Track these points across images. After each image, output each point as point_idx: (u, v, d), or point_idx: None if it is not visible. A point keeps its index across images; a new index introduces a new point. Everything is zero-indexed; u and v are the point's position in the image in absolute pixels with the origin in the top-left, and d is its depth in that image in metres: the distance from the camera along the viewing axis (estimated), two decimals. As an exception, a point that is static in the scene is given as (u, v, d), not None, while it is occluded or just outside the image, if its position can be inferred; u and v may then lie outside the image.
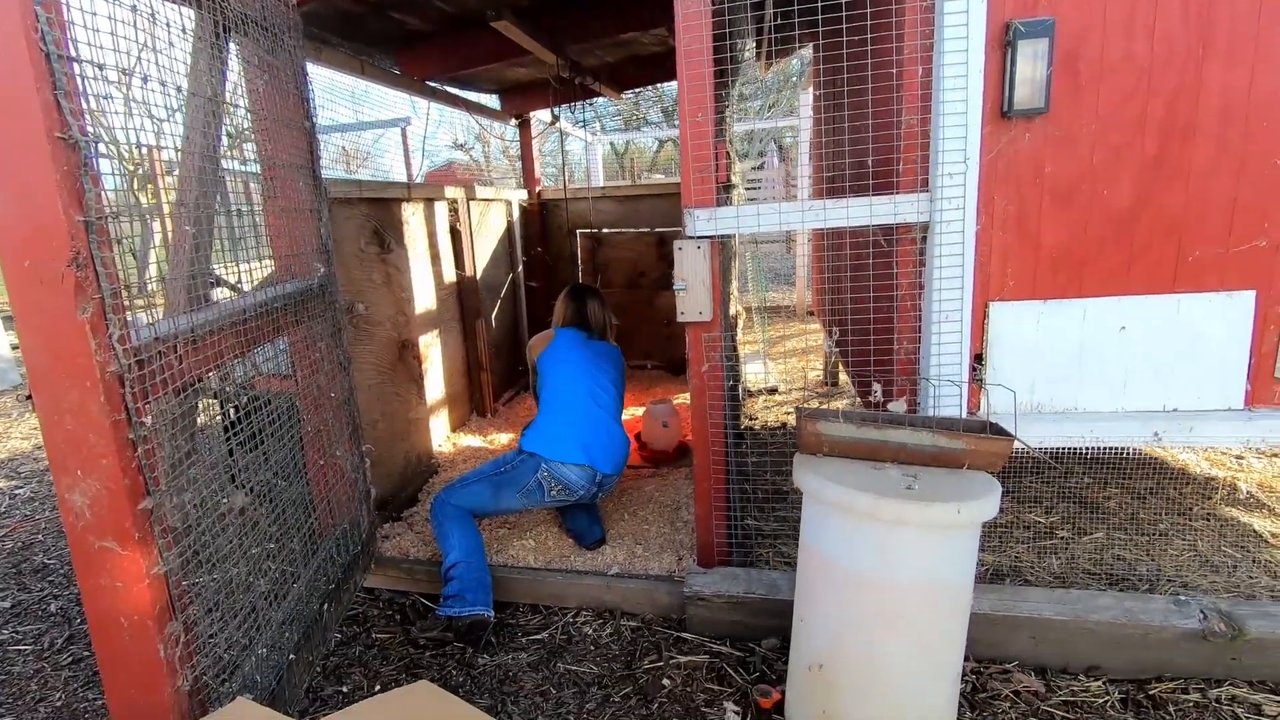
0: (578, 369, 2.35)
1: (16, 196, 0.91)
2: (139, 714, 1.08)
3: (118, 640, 1.06)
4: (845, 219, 1.68)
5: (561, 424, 2.23)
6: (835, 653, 1.36)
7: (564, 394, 2.30)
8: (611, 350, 2.53)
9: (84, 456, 0.99)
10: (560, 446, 2.17)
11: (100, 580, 1.03)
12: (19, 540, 2.70)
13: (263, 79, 1.65)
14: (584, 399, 2.30)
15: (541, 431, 2.22)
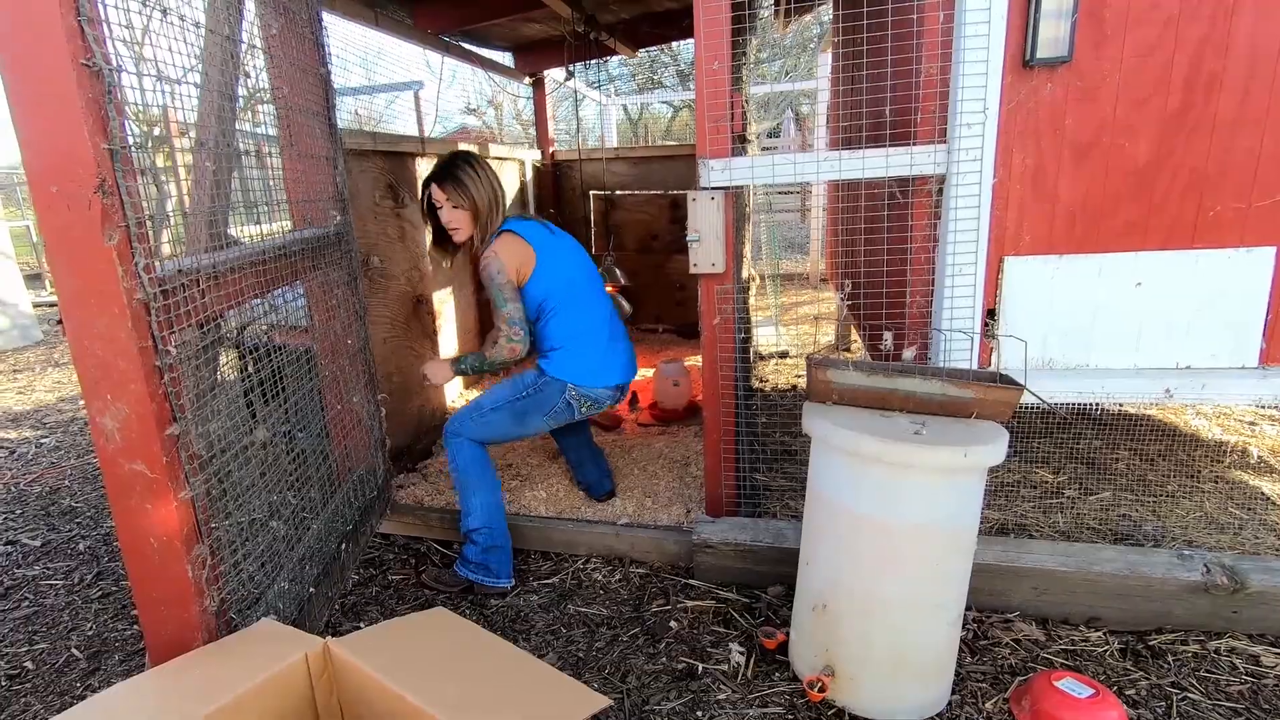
0: (585, 288, 2.04)
1: (43, 123, 0.93)
2: (169, 631, 1.13)
3: (148, 560, 1.10)
4: (861, 170, 1.67)
5: (592, 355, 2.00)
6: (838, 593, 1.39)
7: (586, 324, 2.01)
8: (573, 240, 2.15)
9: (113, 381, 1.02)
10: (593, 374, 1.98)
11: (130, 502, 1.07)
12: (47, 485, 2.79)
13: (279, 22, 1.64)
14: (606, 323, 2.06)
15: (573, 364, 1.97)
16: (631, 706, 1.48)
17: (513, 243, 1.93)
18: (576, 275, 2.03)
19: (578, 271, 2.04)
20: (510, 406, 1.98)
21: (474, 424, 1.98)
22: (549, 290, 1.96)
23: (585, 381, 1.98)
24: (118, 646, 1.75)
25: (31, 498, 2.67)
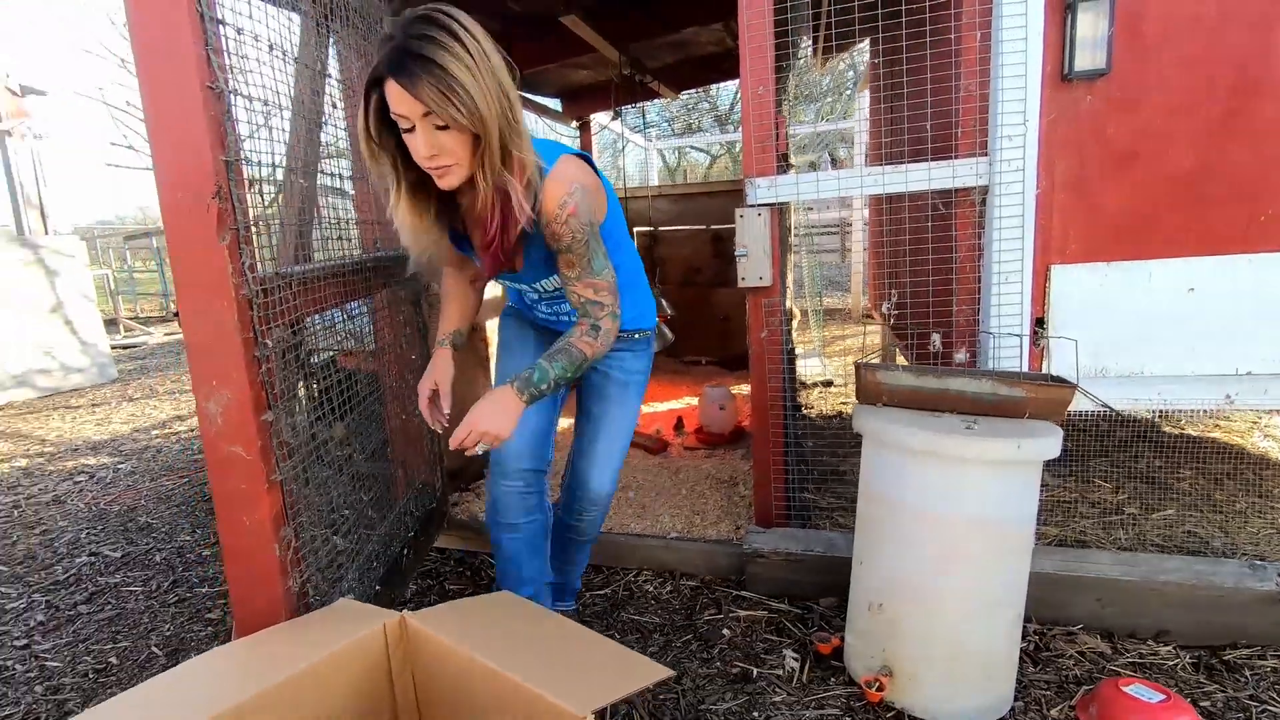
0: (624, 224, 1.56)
1: (173, 136, 1.06)
2: (256, 607, 1.20)
3: (241, 538, 1.18)
4: (904, 184, 1.73)
5: (648, 291, 1.64)
6: (894, 591, 1.39)
7: (636, 257, 1.60)
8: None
9: (219, 369, 1.13)
10: (652, 312, 1.64)
11: (228, 483, 1.16)
12: (124, 504, 2.95)
13: (358, 63, 1.81)
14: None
15: (646, 304, 1.60)
16: (687, 706, 1.49)
17: (586, 175, 1.26)
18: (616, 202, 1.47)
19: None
20: (639, 403, 1.60)
21: (620, 466, 1.60)
22: (612, 227, 1.42)
23: (651, 324, 1.62)
24: (194, 645, 1.84)
25: (111, 515, 2.83)
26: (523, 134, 1.14)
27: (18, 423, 4.57)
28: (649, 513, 2.39)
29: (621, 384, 1.56)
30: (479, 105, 1.03)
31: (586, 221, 1.22)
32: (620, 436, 1.58)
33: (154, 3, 1.01)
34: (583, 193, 1.22)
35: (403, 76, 1.01)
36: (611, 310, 1.30)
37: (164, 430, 4.20)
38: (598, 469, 1.56)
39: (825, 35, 2.53)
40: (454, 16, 1.04)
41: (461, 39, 1.02)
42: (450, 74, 1.01)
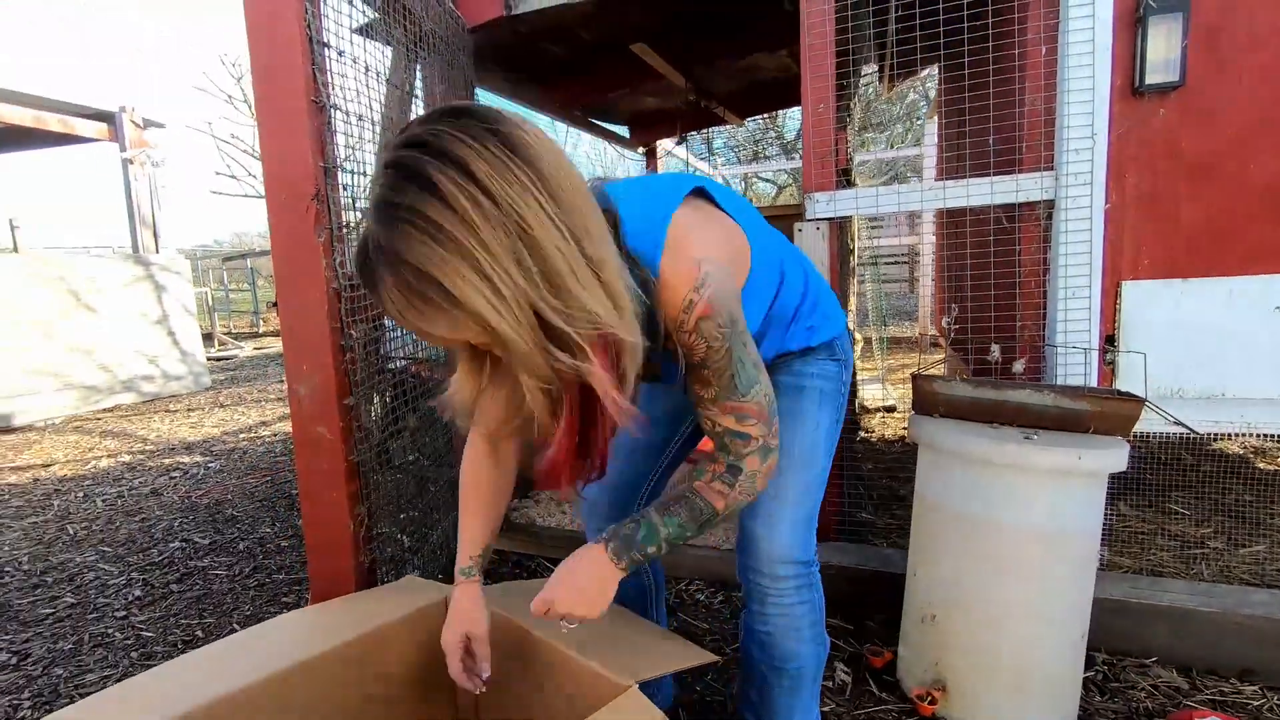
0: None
1: (282, 144, 1.19)
2: (328, 576, 1.29)
3: (321, 511, 1.28)
4: (965, 198, 1.73)
5: (828, 294, 1.20)
6: (948, 602, 1.37)
7: (800, 262, 1.14)
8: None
9: (309, 354, 1.24)
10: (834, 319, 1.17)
11: (312, 460, 1.27)
12: (213, 498, 3.16)
13: (441, 86, 1.95)
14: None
15: (823, 312, 1.14)
16: (735, 713, 1.49)
17: (711, 237, 0.88)
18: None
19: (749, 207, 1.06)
20: (834, 435, 1.15)
21: (813, 524, 1.13)
22: (775, 258, 1.04)
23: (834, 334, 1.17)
24: (270, 625, 1.96)
25: (201, 508, 3.04)
26: (599, 267, 0.71)
27: (124, 423, 4.96)
28: (703, 525, 2.40)
29: (795, 390, 1.10)
30: (478, 312, 0.65)
31: (726, 320, 0.82)
32: (792, 477, 1.07)
33: (271, 26, 1.14)
34: (715, 275, 0.82)
35: (366, 273, 0.69)
36: (763, 444, 0.89)
37: (250, 434, 4.49)
38: (765, 525, 1.07)
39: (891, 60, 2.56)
40: (443, 156, 0.65)
41: (449, 200, 0.64)
42: (423, 275, 0.65)
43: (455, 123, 0.67)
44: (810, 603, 1.12)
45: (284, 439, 4.29)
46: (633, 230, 0.83)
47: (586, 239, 0.70)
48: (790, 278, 1.06)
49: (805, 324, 1.10)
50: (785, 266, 1.05)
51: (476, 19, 2.14)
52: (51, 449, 4.27)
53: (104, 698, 0.94)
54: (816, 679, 1.17)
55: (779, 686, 1.14)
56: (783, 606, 1.09)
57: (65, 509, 3.09)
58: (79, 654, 1.85)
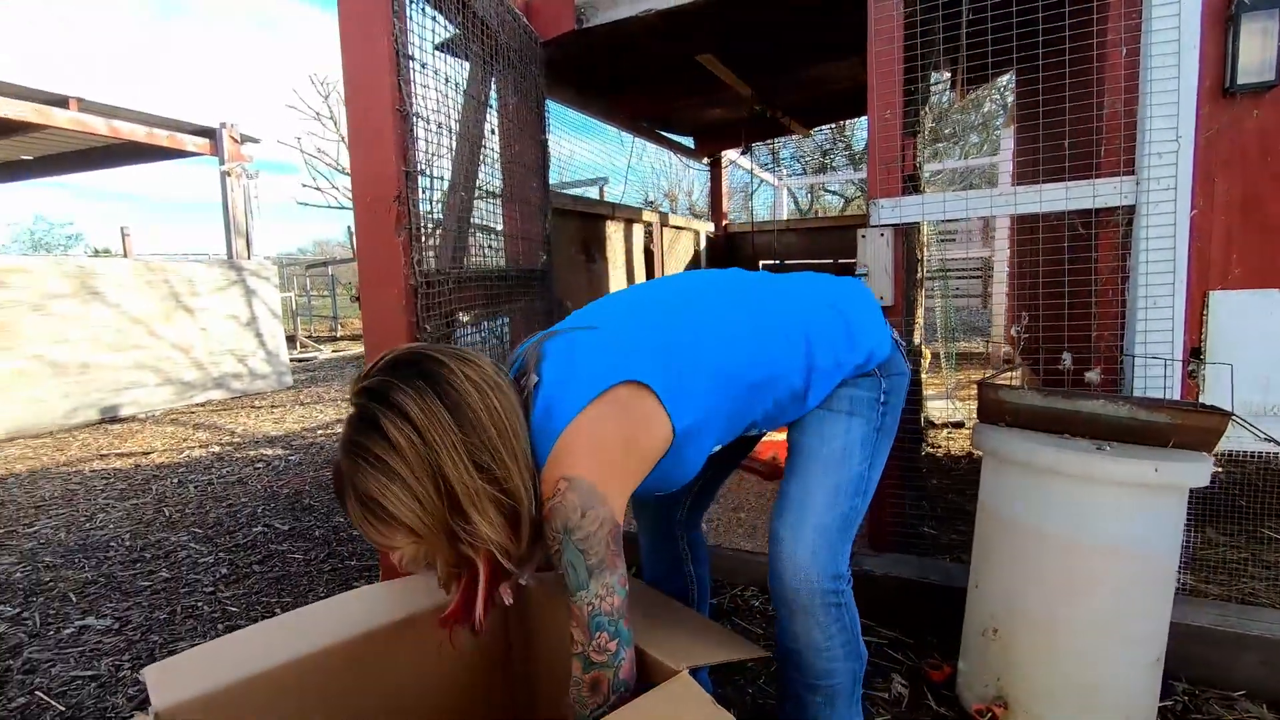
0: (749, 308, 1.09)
1: (368, 150, 1.27)
2: (400, 559, 1.36)
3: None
4: (1038, 203, 1.68)
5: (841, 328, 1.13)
6: (1013, 617, 1.33)
7: (789, 323, 1.09)
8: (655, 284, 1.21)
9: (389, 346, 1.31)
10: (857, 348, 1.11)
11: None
12: (292, 488, 3.35)
13: (514, 98, 2.04)
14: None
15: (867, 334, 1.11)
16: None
17: (606, 439, 0.92)
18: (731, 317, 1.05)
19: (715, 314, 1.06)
20: (872, 444, 1.11)
21: (847, 535, 1.09)
22: (741, 400, 1.04)
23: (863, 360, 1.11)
24: (341, 607, 2.07)
25: (281, 497, 3.22)
26: (502, 487, 0.89)
27: (214, 417, 5.31)
28: (759, 533, 2.40)
29: (825, 399, 1.08)
30: (404, 520, 0.86)
31: (560, 528, 0.89)
32: (820, 477, 1.06)
33: (363, 41, 1.23)
34: (567, 491, 0.89)
35: (338, 492, 0.92)
36: (584, 655, 0.90)
37: (327, 430, 4.72)
38: (790, 526, 1.06)
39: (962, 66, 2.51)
40: (389, 405, 0.85)
41: (392, 440, 0.84)
42: (372, 499, 0.86)
43: (402, 373, 0.88)
44: (840, 622, 1.08)
45: (358, 436, 4.49)
46: (539, 419, 0.93)
47: (494, 464, 0.88)
48: (783, 372, 1.04)
49: (823, 381, 1.07)
50: (767, 373, 1.03)
51: (549, 33, 2.23)
52: (151, 438, 4.61)
53: (197, 653, 1.03)
54: (853, 692, 1.15)
55: (814, 703, 1.12)
56: (810, 626, 1.07)
57: (162, 493, 3.34)
58: (172, 623, 2.00)
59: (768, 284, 1.13)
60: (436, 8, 1.46)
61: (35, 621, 2.04)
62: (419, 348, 0.93)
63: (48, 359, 4.93)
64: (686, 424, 0.96)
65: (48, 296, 4.96)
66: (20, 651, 1.87)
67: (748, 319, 1.05)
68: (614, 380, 0.92)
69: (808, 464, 1.07)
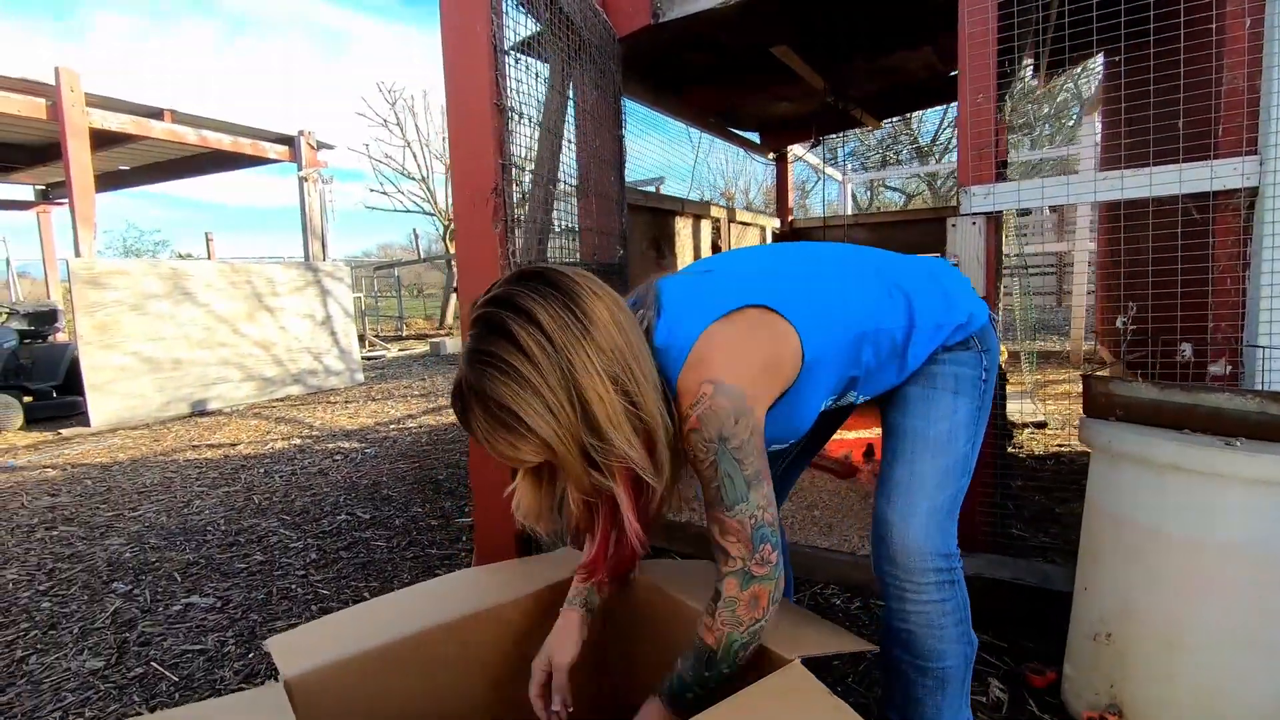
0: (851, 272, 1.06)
1: (468, 143, 1.30)
2: (493, 542, 1.39)
3: (488, 483, 1.38)
4: (1148, 187, 1.59)
5: (945, 284, 1.12)
6: (1128, 621, 1.26)
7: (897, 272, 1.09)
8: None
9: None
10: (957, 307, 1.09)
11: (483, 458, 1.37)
12: (370, 480, 3.47)
13: (594, 94, 2.06)
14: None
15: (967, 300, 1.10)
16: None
17: (732, 359, 0.90)
18: (837, 273, 1.05)
19: (826, 272, 1.04)
20: (975, 425, 1.08)
21: (955, 516, 1.08)
22: (853, 334, 1.00)
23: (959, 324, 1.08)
24: (425, 593, 2.13)
25: (361, 487, 3.34)
26: (637, 404, 0.84)
27: (293, 411, 5.55)
28: (835, 531, 2.35)
29: (928, 376, 1.05)
30: (539, 432, 0.81)
31: (714, 436, 0.86)
32: (929, 460, 1.03)
33: (463, 36, 1.26)
34: (714, 396, 0.86)
35: (458, 408, 0.86)
36: (744, 569, 0.88)
37: (398, 425, 4.88)
38: (900, 510, 1.03)
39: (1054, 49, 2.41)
40: (517, 309, 0.82)
41: (523, 346, 0.80)
42: (503, 408, 0.81)
43: (527, 283, 0.85)
44: (954, 599, 1.06)
45: (428, 431, 4.62)
46: (664, 340, 0.91)
47: (627, 380, 0.84)
48: (885, 324, 1.02)
49: (925, 340, 1.04)
50: (871, 325, 1.01)
51: (625, 29, 2.24)
52: (237, 431, 4.85)
53: (313, 628, 1.07)
54: (965, 679, 1.11)
55: (924, 686, 1.09)
56: (923, 604, 1.05)
57: (250, 482, 3.51)
58: (269, 604, 2.10)
59: (861, 249, 1.13)
60: (527, 4, 1.49)
61: (146, 598, 2.17)
62: (541, 265, 0.91)
63: (144, 355, 5.25)
64: (813, 353, 0.95)
65: (145, 297, 5.29)
66: (135, 625, 2.00)
67: (852, 270, 1.06)
68: (743, 302, 0.92)
69: (915, 446, 1.05)
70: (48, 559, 2.52)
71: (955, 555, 1.07)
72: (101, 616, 2.06)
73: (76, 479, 3.68)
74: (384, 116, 12.37)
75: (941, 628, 1.05)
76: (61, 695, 1.66)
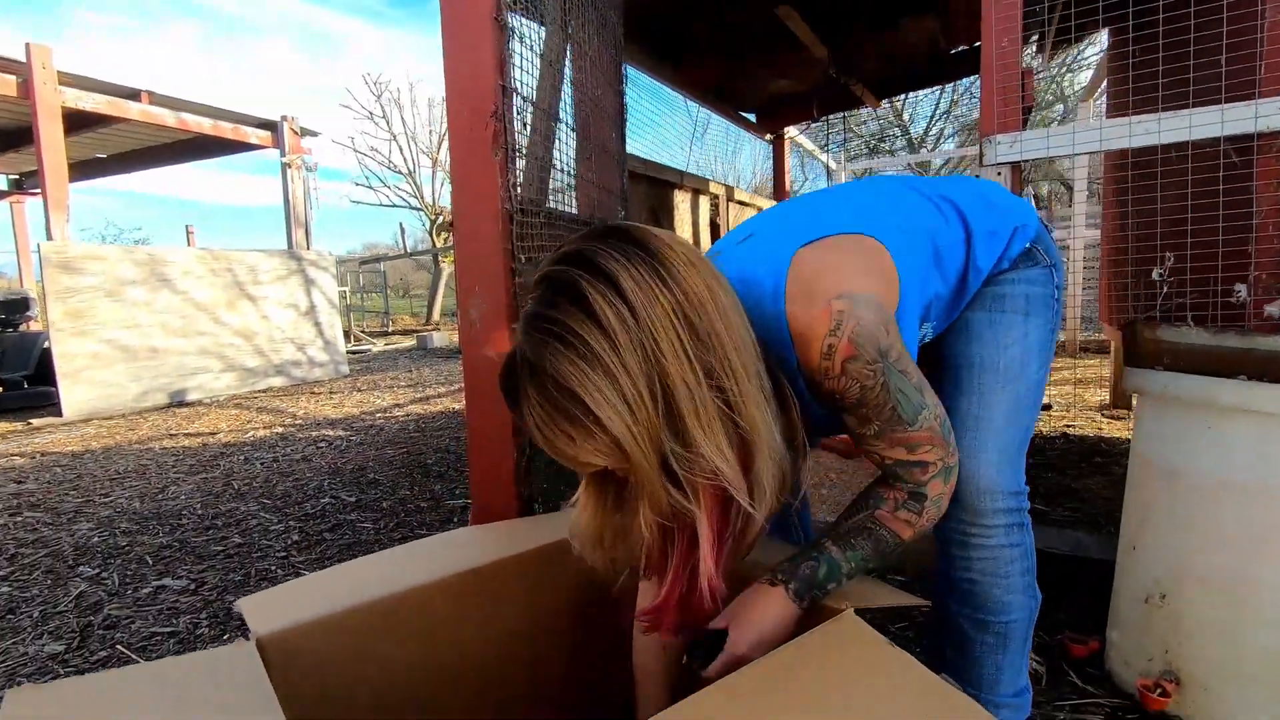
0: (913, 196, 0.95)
1: (464, 60, 1.19)
2: (491, 504, 1.27)
3: (487, 439, 1.27)
4: (1188, 130, 1.50)
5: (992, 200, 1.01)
6: (1183, 580, 1.16)
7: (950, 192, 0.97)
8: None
9: (482, 275, 1.23)
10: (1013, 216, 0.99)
11: (480, 383, 1.25)
12: (356, 465, 3.33)
13: (595, 40, 1.94)
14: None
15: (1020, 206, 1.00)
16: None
17: (846, 267, 0.80)
18: (906, 206, 0.92)
19: (901, 205, 0.93)
20: (1047, 350, 0.98)
21: (1024, 451, 0.97)
22: (925, 246, 0.89)
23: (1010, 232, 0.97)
24: (415, 574, 2.00)
25: (346, 471, 3.20)
26: (735, 405, 0.69)
27: (276, 401, 5.38)
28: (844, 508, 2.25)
29: (996, 298, 0.94)
30: (609, 428, 0.64)
31: (874, 354, 0.75)
32: (999, 390, 0.92)
33: (462, -61, 1.14)
34: (854, 309, 0.75)
35: (510, 387, 0.69)
36: (944, 466, 0.82)
37: (385, 414, 4.73)
38: (967, 447, 0.92)
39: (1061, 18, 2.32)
40: (595, 270, 0.65)
41: (599, 316, 0.63)
42: (566, 392, 0.64)
43: (608, 240, 0.68)
44: (1022, 545, 0.96)
45: (416, 419, 4.48)
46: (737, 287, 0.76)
47: (723, 374, 0.68)
48: (946, 239, 0.91)
49: (984, 250, 0.93)
50: (935, 240, 0.91)
51: (627, -19, 2.14)
52: (216, 420, 4.69)
53: (291, 586, 0.95)
54: (1027, 636, 1.00)
55: (983, 644, 0.98)
56: (990, 550, 0.93)
57: (229, 469, 3.35)
58: (247, 585, 1.96)
59: (887, 177, 1.04)
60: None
61: (114, 581, 2.03)
62: (625, 222, 0.76)
63: (119, 343, 5.07)
64: (904, 270, 0.84)
65: (120, 283, 5.10)
66: (101, 608, 1.85)
67: (894, 191, 0.95)
68: (819, 234, 0.82)
69: (982, 376, 0.94)
70: (9, 544, 2.36)
71: (1026, 495, 0.96)
72: (65, 600, 1.92)
73: (45, 466, 3.51)
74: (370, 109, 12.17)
75: (1008, 576, 0.94)
76: (16, 680, 1.52)
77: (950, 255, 0.92)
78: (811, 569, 0.83)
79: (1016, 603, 0.96)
